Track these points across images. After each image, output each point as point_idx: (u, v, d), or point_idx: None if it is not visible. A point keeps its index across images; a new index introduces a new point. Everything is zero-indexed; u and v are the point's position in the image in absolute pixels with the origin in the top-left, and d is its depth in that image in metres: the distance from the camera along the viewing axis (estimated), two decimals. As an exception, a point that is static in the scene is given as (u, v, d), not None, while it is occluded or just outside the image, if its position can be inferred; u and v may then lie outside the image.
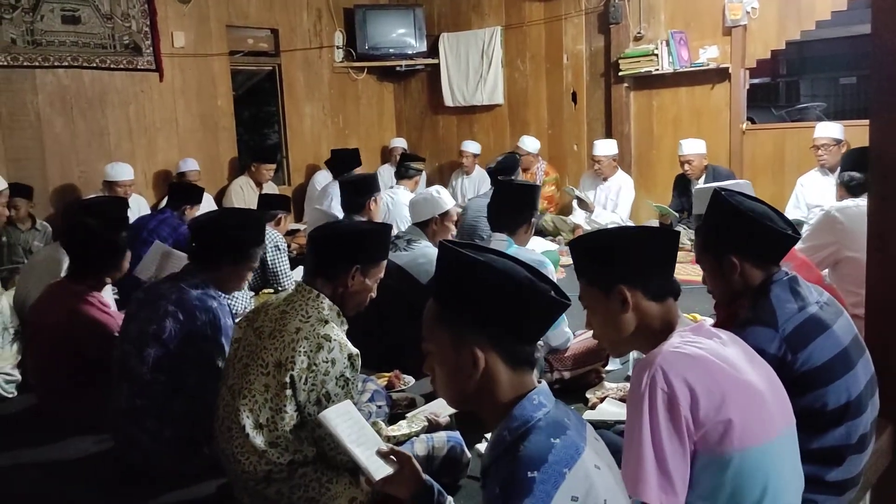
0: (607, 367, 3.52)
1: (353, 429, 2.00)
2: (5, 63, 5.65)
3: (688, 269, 5.07)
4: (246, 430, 2.34)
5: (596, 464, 1.32)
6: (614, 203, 6.84)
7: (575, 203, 6.92)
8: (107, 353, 3.04)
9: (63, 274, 3.74)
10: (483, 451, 2.23)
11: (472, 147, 7.85)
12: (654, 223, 6.71)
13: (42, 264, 4.02)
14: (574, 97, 7.62)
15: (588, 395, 3.22)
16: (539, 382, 1.43)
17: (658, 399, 1.61)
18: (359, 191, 4.41)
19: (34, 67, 5.84)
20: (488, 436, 1.57)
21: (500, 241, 3.44)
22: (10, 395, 3.74)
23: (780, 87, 14.78)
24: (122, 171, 5.94)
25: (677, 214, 6.18)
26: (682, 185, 6.43)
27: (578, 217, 6.91)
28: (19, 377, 3.79)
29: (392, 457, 1.78)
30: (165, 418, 2.81)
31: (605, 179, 6.89)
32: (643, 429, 1.61)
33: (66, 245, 3.58)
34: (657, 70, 6.92)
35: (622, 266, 1.78)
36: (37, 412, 3.48)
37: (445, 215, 4.03)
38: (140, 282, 3.87)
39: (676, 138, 6.74)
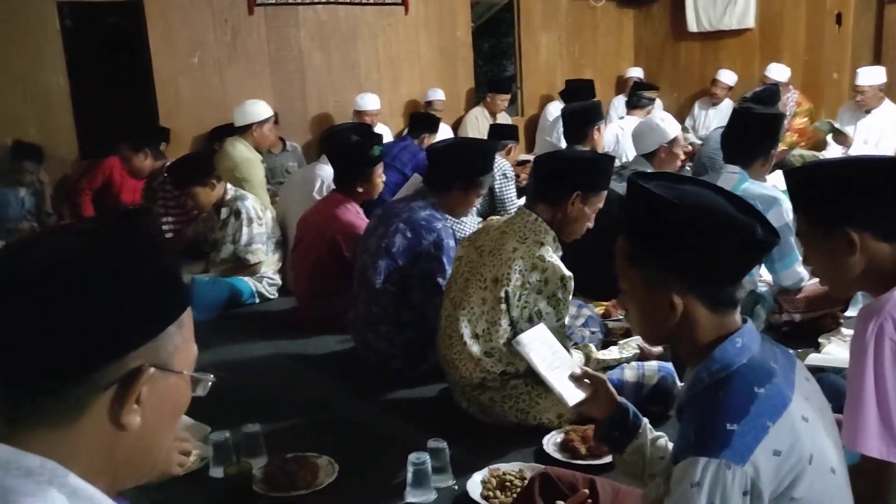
0: (847, 313, 3.24)
1: (547, 353, 2.04)
2: (273, 1, 6.25)
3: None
4: (464, 338, 2.53)
5: (804, 415, 1.23)
6: (877, 139, 6.11)
7: (830, 137, 6.28)
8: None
9: (315, 191, 4.19)
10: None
11: (727, 77, 7.41)
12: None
13: (299, 183, 4.51)
14: (838, 18, 6.82)
15: (821, 341, 3.01)
16: (744, 322, 1.34)
17: (885, 349, 1.48)
18: (581, 120, 4.34)
19: (297, 4, 6.40)
20: None
21: (730, 174, 3.26)
22: (272, 297, 4.31)
23: None
24: (370, 101, 6.42)
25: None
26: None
27: (834, 153, 6.27)
28: (280, 281, 4.34)
29: (586, 380, 1.78)
30: (396, 325, 3.10)
31: (867, 112, 6.15)
32: (866, 379, 1.50)
33: (328, 152, 3.99)
34: (946, -16, 5.98)
35: (848, 204, 1.58)
36: (293, 312, 3.98)
37: (673, 143, 3.89)
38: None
39: (965, 64, 5.83)
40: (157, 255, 0.89)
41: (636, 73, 8.15)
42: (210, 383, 0.95)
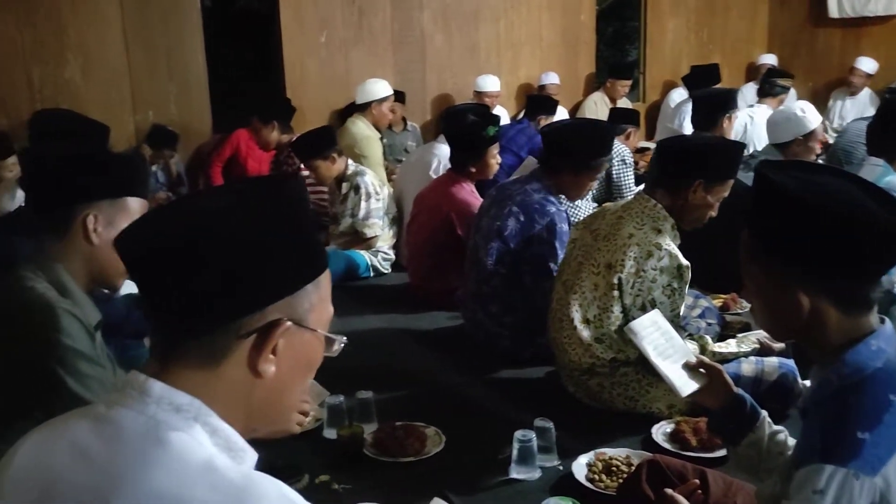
0: None
1: (661, 340, 2.00)
2: (398, -18, 6.36)
3: None
4: (574, 322, 2.51)
5: None
6: None
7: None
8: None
9: (432, 171, 4.26)
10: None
11: (867, 65, 6.97)
12: None
13: (416, 162, 4.60)
14: None
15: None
16: (882, 322, 1.25)
17: None
18: (714, 106, 4.16)
19: (422, -14, 6.49)
20: None
21: (873, 167, 3.07)
22: (386, 272, 4.42)
23: None
24: (491, 83, 6.46)
25: None
26: None
27: None
28: (394, 257, 4.45)
29: (701, 370, 1.72)
30: (505, 306, 3.12)
31: None
32: None
33: (445, 132, 4.04)
34: None
35: None
36: (406, 287, 4.07)
37: (810, 136, 3.68)
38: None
39: None
40: (301, 217, 0.94)
41: (769, 59, 7.78)
42: (342, 345, 0.99)
